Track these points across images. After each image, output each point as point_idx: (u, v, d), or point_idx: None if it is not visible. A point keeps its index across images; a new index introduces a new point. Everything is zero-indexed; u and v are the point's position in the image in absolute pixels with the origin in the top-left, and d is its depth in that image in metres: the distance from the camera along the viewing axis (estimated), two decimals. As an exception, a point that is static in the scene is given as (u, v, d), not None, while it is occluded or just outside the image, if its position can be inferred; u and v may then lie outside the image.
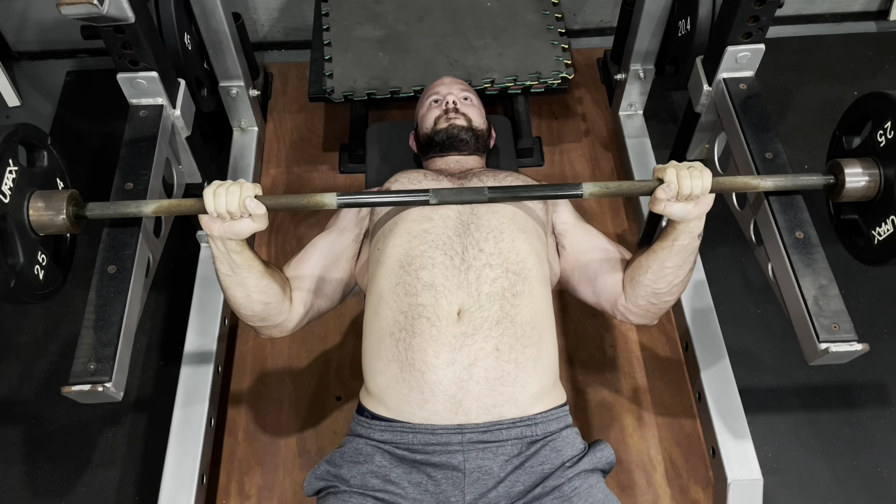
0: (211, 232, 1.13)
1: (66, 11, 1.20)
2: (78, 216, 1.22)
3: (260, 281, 1.18)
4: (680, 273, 1.21)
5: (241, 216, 1.11)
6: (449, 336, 1.12)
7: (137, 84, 1.45)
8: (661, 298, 1.25)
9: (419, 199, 1.18)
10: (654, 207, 1.15)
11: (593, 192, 1.19)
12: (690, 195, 1.12)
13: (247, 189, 1.11)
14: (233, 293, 1.20)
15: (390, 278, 1.20)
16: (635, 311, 1.28)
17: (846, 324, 1.21)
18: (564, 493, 1.08)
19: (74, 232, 1.24)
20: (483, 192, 1.17)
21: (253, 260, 1.17)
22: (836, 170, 1.28)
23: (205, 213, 1.11)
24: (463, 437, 1.10)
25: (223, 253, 1.15)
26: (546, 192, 1.23)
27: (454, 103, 1.49)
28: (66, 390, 1.15)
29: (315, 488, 1.17)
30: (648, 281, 1.22)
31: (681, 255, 1.19)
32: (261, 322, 1.25)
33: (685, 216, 1.15)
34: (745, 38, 1.46)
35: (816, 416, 1.74)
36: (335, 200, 1.16)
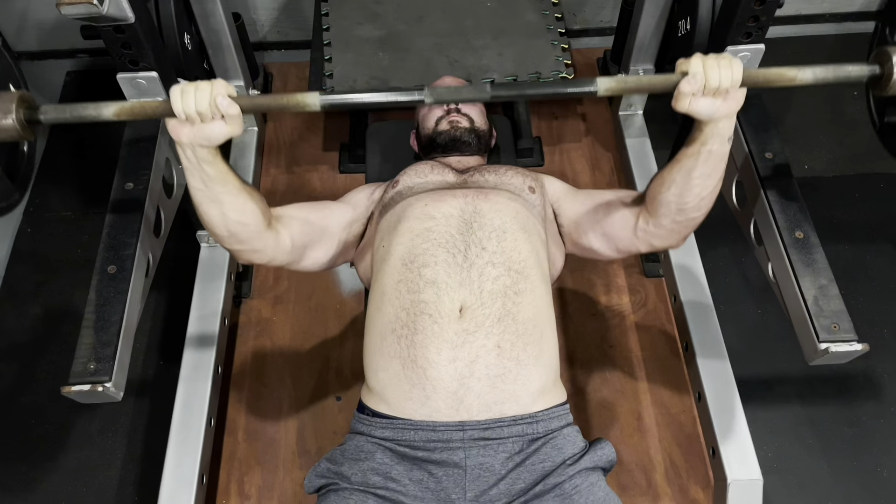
0: (179, 138, 1.02)
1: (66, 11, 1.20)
2: (31, 120, 1.06)
3: (236, 198, 1.10)
4: (708, 184, 1.11)
5: (212, 118, 1.00)
6: (451, 333, 1.12)
7: (137, 84, 1.45)
8: (686, 215, 1.15)
9: (412, 99, 1.06)
10: (677, 105, 1.03)
11: (610, 88, 1.04)
12: (719, 88, 1.00)
13: (218, 87, 0.99)
14: (206, 209, 1.11)
15: (393, 275, 1.20)
16: (659, 232, 1.20)
17: (846, 324, 1.21)
18: (565, 491, 1.08)
19: (28, 138, 1.07)
20: (485, 90, 1.04)
21: (227, 173, 1.09)
22: (882, 58, 1.10)
23: (172, 115, 1.00)
24: (464, 434, 1.10)
25: (194, 163, 1.05)
26: (556, 88, 1.10)
27: (455, 103, 1.49)
28: (66, 390, 1.16)
29: (316, 486, 1.17)
30: (673, 196, 1.13)
31: (709, 162, 1.08)
32: (237, 244, 1.18)
33: (713, 114, 1.03)
34: (745, 38, 1.46)
35: (816, 416, 1.74)
36: (318, 101, 1.03)
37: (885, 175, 2.13)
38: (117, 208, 1.35)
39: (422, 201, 1.26)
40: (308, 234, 1.27)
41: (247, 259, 1.22)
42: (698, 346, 1.69)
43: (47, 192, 2.14)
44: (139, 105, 1.05)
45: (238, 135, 1.04)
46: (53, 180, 2.17)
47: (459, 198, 1.26)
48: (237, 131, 1.03)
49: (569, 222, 1.33)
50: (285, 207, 1.27)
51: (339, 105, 1.06)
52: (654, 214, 1.18)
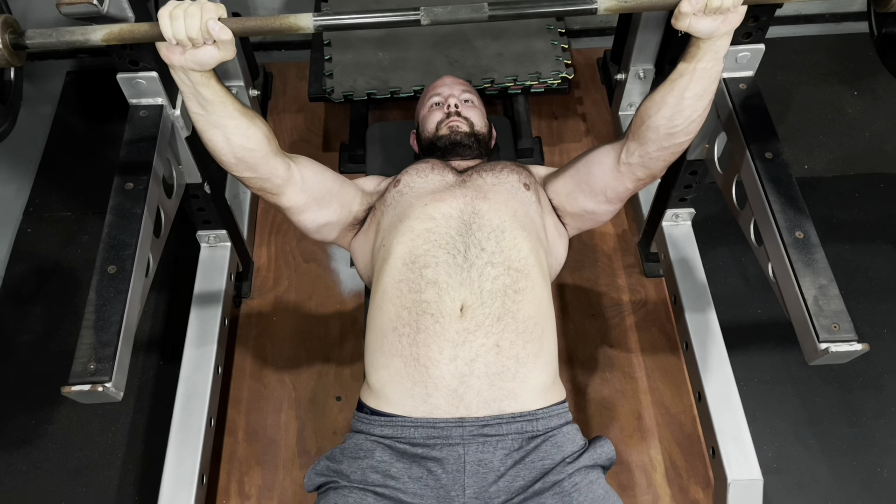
0: (171, 62, 1.00)
1: (66, 11, 1.20)
2: (16, 45, 1.04)
3: (238, 121, 1.10)
4: (699, 105, 1.11)
5: (203, 42, 0.98)
6: (452, 332, 1.13)
7: (137, 84, 1.45)
8: (674, 139, 1.15)
9: (408, 19, 1.03)
10: (677, 23, 1.02)
11: (609, 7, 1.03)
12: (720, 7, 0.99)
13: (208, 10, 0.96)
14: (210, 136, 1.11)
15: (394, 275, 1.20)
16: (642, 160, 1.20)
17: (846, 324, 1.21)
18: (564, 489, 1.09)
19: (15, 64, 1.06)
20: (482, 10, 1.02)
21: (225, 95, 1.08)
22: None
23: (162, 39, 0.98)
24: (463, 431, 1.11)
25: (189, 87, 1.04)
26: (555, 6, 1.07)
27: (456, 106, 1.49)
28: (66, 390, 1.15)
29: (315, 484, 1.17)
30: (663, 119, 1.12)
31: (702, 81, 1.08)
32: (247, 171, 1.17)
33: (713, 33, 1.02)
34: (745, 38, 1.46)
35: (816, 416, 1.74)
36: (311, 22, 1.00)
37: (885, 175, 2.14)
38: (117, 208, 1.35)
39: (422, 201, 1.27)
40: (320, 183, 1.27)
41: (259, 187, 1.22)
42: (698, 345, 1.69)
43: (47, 192, 2.14)
44: (127, 28, 1.02)
45: (230, 58, 1.02)
46: (53, 180, 2.17)
47: (459, 198, 1.26)
48: (230, 55, 1.02)
49: (559, 196, 1.35)
50: (304, 157, 1.28)
51: (332, 26, 1.03)
52: (642, 141, 1.17)
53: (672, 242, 1.84)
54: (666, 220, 1.84)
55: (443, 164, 1.39)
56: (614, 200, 1.30)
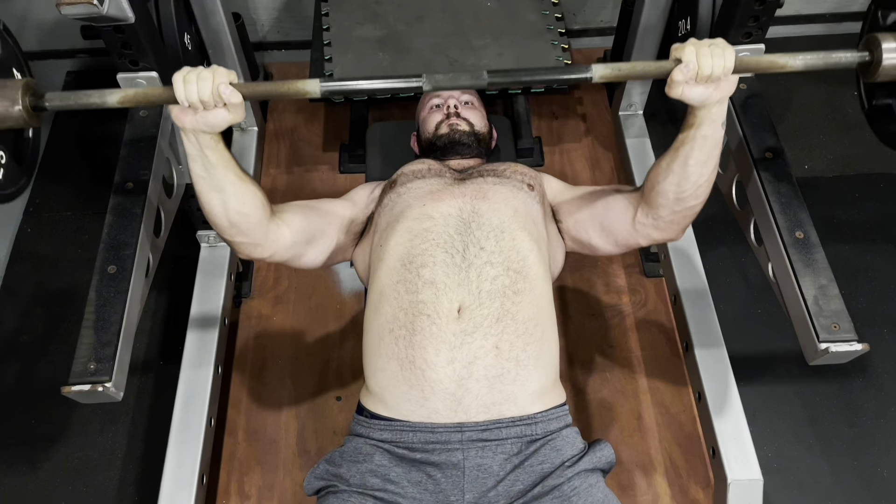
0: (182, 124, 1.04)
1: (66, 11, 1.20)
2: (36, 107, 1.09)
3: (238, 187, 1.12)
4: (704, 171, 1.12)
5: (214, 105, 1.02)
6: (449, 334, 1.12)
7: (137, 84, 1.45)
8: (684, 204, 1.16)
9: (411, 85, 1.08)
10: (670, 91, 1.05)
11: (604, 75, 1.06)
12: (711, 76, 1.01)
13: (220, 75, 1.02)
14: (208, 199, 1.13)
15: (391, 276, 1.20)
16: (657, 224, 1.21)
17: (846, 324, 1.21)
18: (564, 493, 1.08)
19: (34, 125, 1.12)
20: (482, 76, 1.06)
21: (229, 160, 1.11)
22: (871, 45, 1.12)
23: (175, 102, 1.03)
24: (462, 436, 1.10)
25: (196, 149, 1.07)
26: (552, 75, 1.11)
27: (455, 107, 1.49)
28: (66, 390, 1.15)
29: (315, 488, 1.17)
30: (671, 185, 1.14)
31: (704, 148, 1.09)
32: (238, 236, 1.18)
33: (706, 101, 1.04)
34: (745, 38, 1.46)
35: (816, 416, 1.74)
36: (318, 87, 1.05)
37: (885, 175, 2.13)
38: (117, 208, 1.35)
39: (420, 201, 1.26)
40: (308, 230, 1.27)
41: (247, 253, 1.22)
42: (698, 346, 1.69)
43: (47, 192, 2.14)
44: (142, 93, 1.07)
45: (240, 121, 1.06)
46: (53, 180, 2.16)
47: (458, 197, 1.25)
48: (239, 118, 1.05)
49: (568, 219, 1.33)
50: (286, 204, 1.27)
51: (338, 91, 1.08)
52: (653, 205, 1.18)
53: (672, 242, 1.84)
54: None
55: (440, 165, 1.39)
56: (622, 247, 1.29)
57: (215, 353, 1.68)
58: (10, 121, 1.08)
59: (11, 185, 1.17)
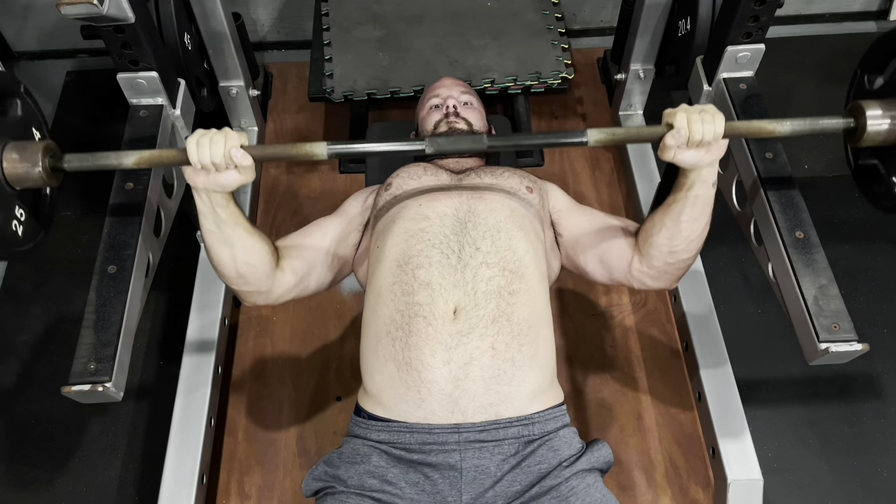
0: (195, 184, 1.08)
1: (66, 11, 1.20)
2: (55, 168, 1.15)
3: (246, 240, 1.15)
4: (696, 227, 1.16)
5: (226, 167, 1.07)
6: (445, 335, 1.12)
7: (137, 84, 1.45)
8: (677, 257, 1.20)
9: (414, 149, 1.12)
10: (663, 155, 1.10)
11: (599, 140, 1.11)
12: (702, 141, 1.06)
13: (232, 139, 1.06)
14: (217, 252, 1.16)
15: (388, 277, 1.20)
16: (651, 273, 1.23)
17: (846, 324, 1.21)
18: (561, 493, 1.08)
19: (53, 185, 1.18)
20: (482, 141, 1.11)
21: (239, 216, 1.14)
22: (856, 112, 1.19)
23: (188, 164, 1.07)
24: (460, 437, 1.10)
25: (208, 207, 1.11)
26: (548, 139, 1.17)
27: (454, 107, 1.49)
28: (66, 390, 1.15)
29: (313, 489, 1.17)
30: (663, 239, 1.18)
31: (696, 207, 1.13)
32: (245, 286, 1.21)
33: (697, 164, 1.09)
34: (745, 38, 1.46)
35: (816, 416, 1.74)
36: (325, 150, 1.10)
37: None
38: (117, 208, 1.35)
39: (416, 201, 1.26)
40: (307, 259, 1.29)
41: (252, 301, 1.26)
42: (698, 346, 1.69)
43: (47, 192, 2.14)
44: (157, 154, 1.15)
45: (250, 181, 1.10)
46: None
47: (454, 197, 1.25)
48: (250, 179, 1.10)
49: (569, 237, 1.34)
50: (281, 241, 1.29)
51: (345, 154, 1.13)
52: (647, 256, 1.22)
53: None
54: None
55: (435, 167, 1.38)
56: (614, 282, 1.31)
57: (215, 353, 1.68)
58: (31, 181, 1.15)
59: (30, 240, 1.22)
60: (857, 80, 1.32)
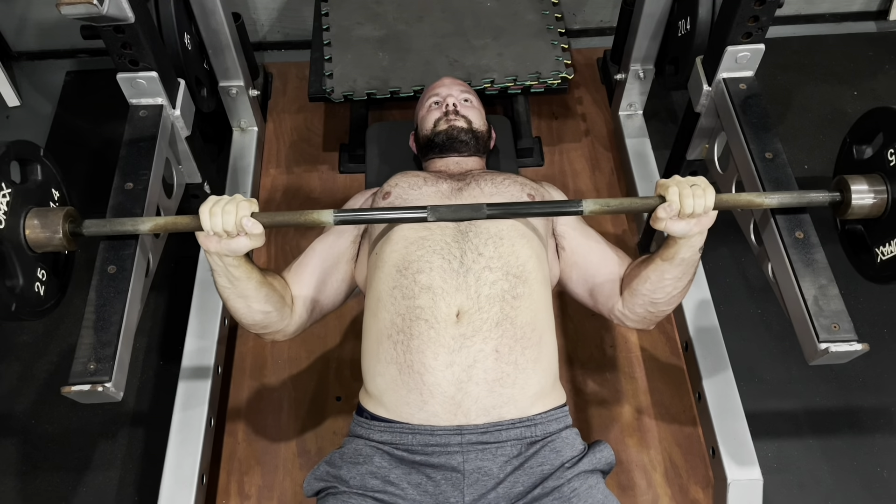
0: (208, 249, 1.12)
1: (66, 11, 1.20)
2: (75, 233, 1.21)
3: (259, 291, 1.18)
4: (679, 285, 1.21)
5: (237, 234, 1.10)
6: (447, 338, 1.12)
7: (137, 84, 1.45)
8: (658, 308, 1.24)
9: (416, 217, 1.16)
10: (655, 225, 1.14)
11: (594, 210, 1.16)
12: (693, 213, 1.10)
13: (243, 208, 1.10)
14: (233, 304, 1.20)
15: (387, 282, 1.20)
16: (632, 317, 1.28)
17: (846, 324, 1.21)
18: (564, 494, 1.08)
19: (71, 249, 1.23)
20: (481, 210, 1.15)
21: (251, 271, 1.17)
22: (842, 186, 1.25)
23: (201, 230, 1.11)
24: (462, 439, 1.10)
25: (221, 268, 1.15)
26: (546, 209, 1.22)
27: (454, 105, 1.49)
28: (66, 390, 1.15)
29: (314, 489, 1.17)
30: (646, 290, 1.22)
31: (681, 267, 1.18)
32: (262, 329, 1.25)
33: (686, 233, 1.13)
34: (745, 38, 1.46)
35: (816, 416, 1.74)
36: (331, 217, 1.14)
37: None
38: (117, 208, 1.35)
39: None
40: (313, 287, 1.31)
41: (272, 339, 1.30)
42: (698, 346, 1.69)
43: (47, 192, 2.14)
44: (172, 221, 1.21)
45: (260, 245, 1.13)
46: (53, 180, 2.16)
47: None
48: (259, 244, 1.13)
49: (569, 256, 1.35)
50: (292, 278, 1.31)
51: (350, 220, 1.18)
52: (629, 303, 1.26)
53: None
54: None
55: (435, 177, 1.38)
56: (597, 312, 1.35)
57: (215, 353, 1.68)
58: (51, 246, 1.20)
59: (50, 299, 1.25)
60: (846, 148, 1.37)
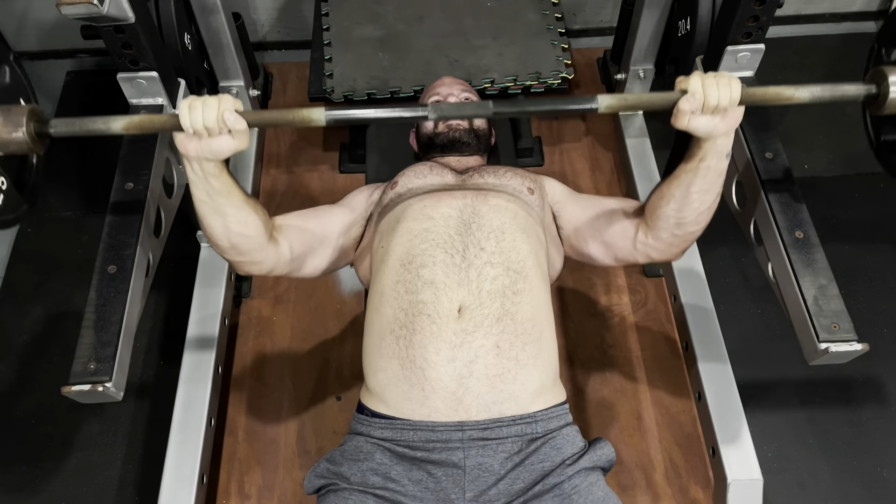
0: (186, 151, 1.04)
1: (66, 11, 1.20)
2: (40, 133, 1.09)
3: (239, 211, 1.13)
4: (706, 199, 1.13)
5: (219, 132, 1.03)
6: (449, 333, 1.12)
7: (137, 84, 1.45)
8: (685, 229, 1.17)
9: (417, 115, 1.09)
10: (676, 122, 1.04)
11: (610, 105, 1.05)
12: (718, 107, 1.01)
13: (226, 102, 1.03)
14: (209, 222, 1.14)
15: (391, 276, 1.20)
16: (658, 245, 1.21)
17: (846, 324, 1.21)
18: (564, 491, 1.09)
19: (38, 151, 1.10)
20: (487, 107, 1.06)
21: (232, 186, 1.11)
22: (878, 78, 1.12)
23: (180, 129, 1.02)
24: (463, 435, 1.10)
25: (200, 177, 1.08)
26: (556, 105, 1.12)
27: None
28: (66, 390, 1.15)
29: (315, 486, 1.17)
30: (672, 210, 1.15)
31: (707, 178, 1.09)
32: (238, 256, 1.20)
33: (712, 132, 1.04)
34: (745, 38, 1.46)
35: (816, 416, 1.74)
36: (323, 116, 1.05)
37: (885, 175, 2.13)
38: (117, 208, 1.35)
39: (421, 202, 1.27)
40: (307, 242, 1.28)
41: (246, 270, 1.24)
42: (698, 346, 1.69)
43: (47, 192, 2.14)
44: (147, 119, 1.08)
45: (244, 148, 1.06)
46: (53, 180, 2.16)
47: (458, 199, 1.26)
48: (244, 145, 1.06)
49: (569, 226, 1.34)
50: (284, 217, 1.28)
51: (343, 120, 1.09)
52: (654, 228, 1.20)
53: (672, 243, 1.84)
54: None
55: (441, 166, 1.39)
56: (620, 262, 1.30)
57: (215, 353, 1.68)
58: (14, 146, 1.07)
59: (11, 211, 1.17)
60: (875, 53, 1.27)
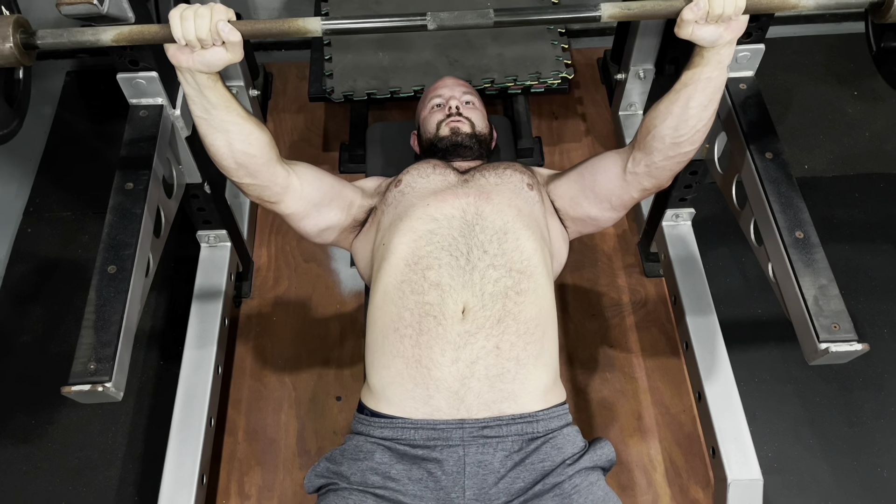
0: (178, 63, 1.01)
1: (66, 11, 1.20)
2: (27, 45, 1.04)
3: (241, 126, 1.11)
4: (704, 115, 1.13)
5: (212, 44, 0.99)
6: (454, 334, 1.13)
7: (137, 84, 1.45)
8: (679, 149, 1.17)
9: (415, 24, 1.05)
10: (680, 31, 1.03)
11: (613, 14, 1.03)
12: (722, 15, 0.99)
13: (219, 12, 0.99)
14: (212, 140, 1.12)
15: (395, 276, 1.20)
16: (649, 170, 1.21)
17: (846, 324, 1.21)
18: (565, 491, 1.09)
19: (25, 63, 1.06)
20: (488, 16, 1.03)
21: (230, 99, 1.08)
22: None
23: (171, 40, 0.99)
24: (464, 432, 1.11)
25: (195, 90, 1.05)
26: (558, 14, 1.09)
27: (457, 108, 1.49)
28: (66, 390, 1.15)
29: (315, 486, 1.17)
30: (669, 128, 1.14)
31: (707, 90, 1.09)
32: (247, 177, 1.18)
33: (716, 41, 1.03)
34: (745, 38, 1.46)
35: (816, 416, 1.74)
36: (319, 26, 1.02)
37: (885, 175, 2.13)
38: (117, 208, 1.35)
39: (424, 201, 1.27)
40: (321, 189, 1.28)
41: (257, 196, 1.22)
42: (698, 346, 1.69)
43: (47, 192, 2.14)
44: (137, 30, 1.03)
45: (238, 60, 1.03)
46: (53, 180, 2.17)
47: (461, 198, 1.26)
48: (237, 57, 1.03)
49: (563, 201, 1.35)
50: (300, 163, 1.28)
51: (340, 30, 1.05)
52: (648, 151, 1.19)
53: (672, 242, 1.84)
54: (666, 220, 1.85)
55: (444, 165, 1.39)
56: (619, 208, 1.31)
57: (215, 353, 1.68)
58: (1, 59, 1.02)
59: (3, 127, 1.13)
60: None
